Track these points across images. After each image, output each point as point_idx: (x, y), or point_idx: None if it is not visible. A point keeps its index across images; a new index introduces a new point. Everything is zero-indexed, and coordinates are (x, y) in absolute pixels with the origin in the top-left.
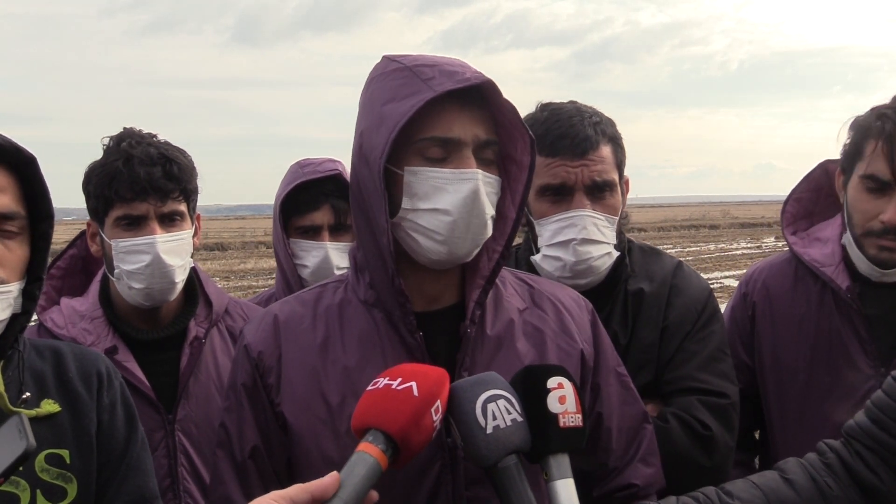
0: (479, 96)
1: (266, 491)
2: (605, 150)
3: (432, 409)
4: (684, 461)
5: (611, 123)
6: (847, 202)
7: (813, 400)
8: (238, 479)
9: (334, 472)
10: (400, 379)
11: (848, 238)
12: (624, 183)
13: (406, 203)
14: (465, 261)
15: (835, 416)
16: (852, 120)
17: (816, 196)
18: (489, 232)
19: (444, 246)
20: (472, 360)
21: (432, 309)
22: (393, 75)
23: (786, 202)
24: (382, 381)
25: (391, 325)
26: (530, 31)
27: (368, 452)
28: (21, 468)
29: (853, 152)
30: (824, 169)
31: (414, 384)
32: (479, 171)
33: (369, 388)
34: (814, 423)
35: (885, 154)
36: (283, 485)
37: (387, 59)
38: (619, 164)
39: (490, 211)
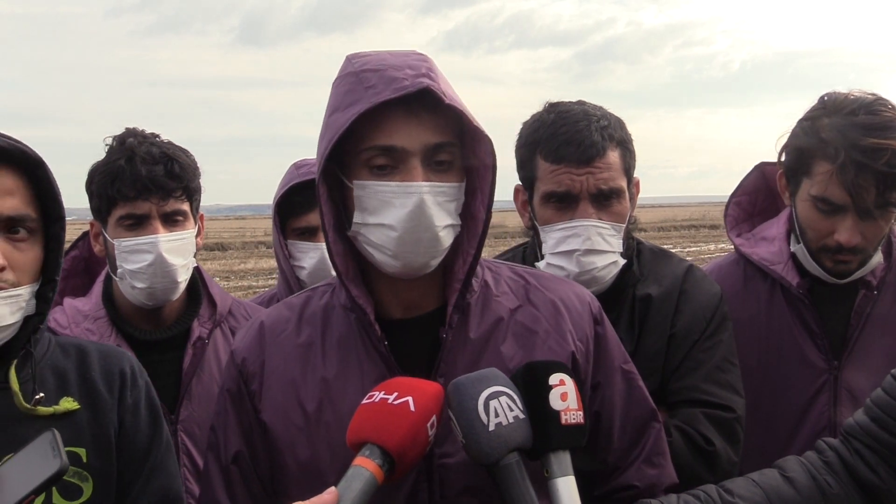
0: (433, 98)
1: (251, 496)
2: (613, 156)
3: (428, 425)
4: (686, 475)
5: (620, 125)
6: (797, 213)
7: (767, 398)
8: (224, 483)
9: (332, 488)
10: (396, 393)
11: (801, 249)
12: (634, 186)
13: (357, 217)
14: (427, 271)
15: (790, 413)
16: (795, 125)
17: (754, 198)
18: (445, 242)
19: (396, 260)
20: (450, 365)
21: (413, 316)
22: (343, 81)
23: (727, 206)
24: (378, 395)
25: (364, 330)
26: (533, 31)
27: (365, 467)
28: None
29: (798, 167)
30: (760, 172)
31: (410, 399)
32: (425, 183)
33: (365, 401)
34: (770, 421)
35: (841, 183)
36: (267, 490)
37: (346, 61)
38: (628, 169)
39: (442, 222)
